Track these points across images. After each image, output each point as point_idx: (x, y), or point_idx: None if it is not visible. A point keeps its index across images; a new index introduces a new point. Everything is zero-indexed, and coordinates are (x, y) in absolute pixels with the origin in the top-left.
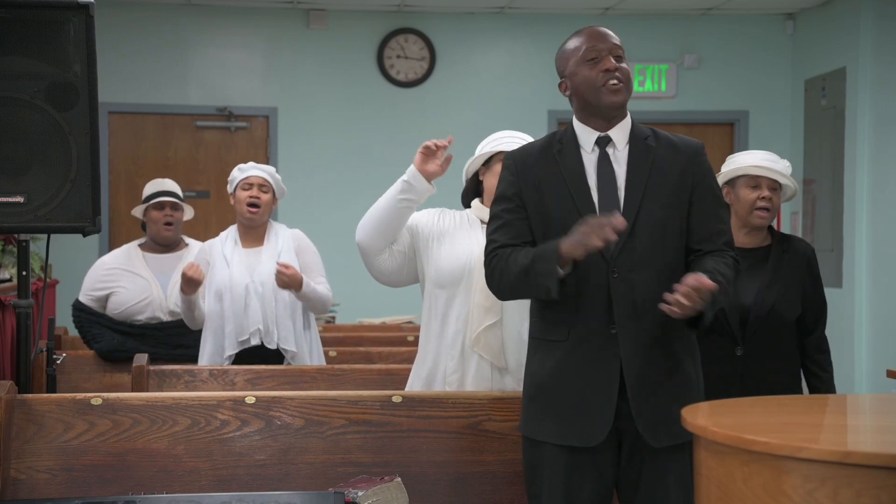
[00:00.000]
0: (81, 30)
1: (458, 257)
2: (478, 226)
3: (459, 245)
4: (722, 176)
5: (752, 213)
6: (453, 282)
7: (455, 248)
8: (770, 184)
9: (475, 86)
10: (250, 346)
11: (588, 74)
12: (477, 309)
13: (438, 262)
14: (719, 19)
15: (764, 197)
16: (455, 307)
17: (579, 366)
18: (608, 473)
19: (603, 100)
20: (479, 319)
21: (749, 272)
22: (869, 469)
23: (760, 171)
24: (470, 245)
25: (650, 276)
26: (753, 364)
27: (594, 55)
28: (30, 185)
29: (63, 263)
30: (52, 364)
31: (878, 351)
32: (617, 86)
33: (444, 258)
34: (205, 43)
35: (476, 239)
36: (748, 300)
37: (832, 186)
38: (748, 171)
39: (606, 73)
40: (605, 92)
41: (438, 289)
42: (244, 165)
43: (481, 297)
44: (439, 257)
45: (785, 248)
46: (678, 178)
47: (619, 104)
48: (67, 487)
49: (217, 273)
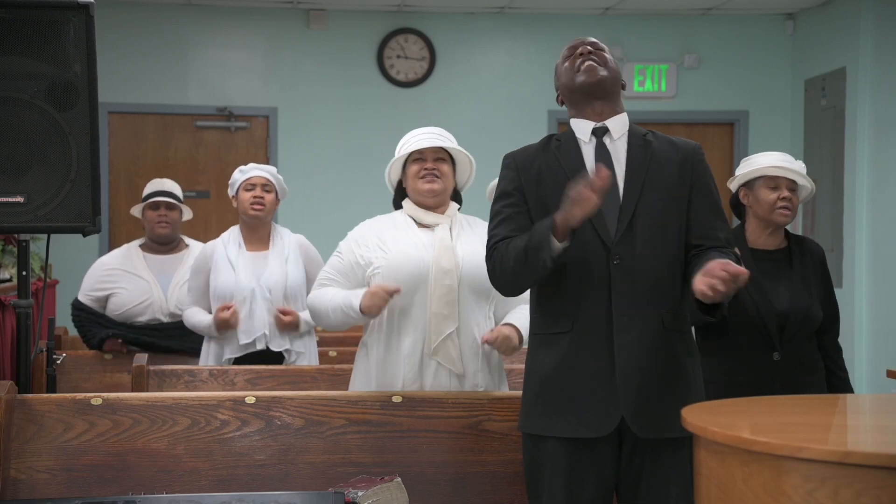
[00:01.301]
0: (81, 30)
1: (410, 267)
2: (413, 226)
3: (406, 254)
4: (739, 178)
5: (775, 212)
6: (407, 292)
7: (402, 257)
8: (789, 184)
9: (475, 86)
10: (254, 351)
11: (566, 66)
12: (436, 318)
13: (387, 272)
14: (719, 19)
15: (784, 197)
16: (412, 317)
17: (584, 357)
18: (609, 472)
19: (577, 79)
20: (439, 328)
21: (774, 275)
22: (869, 469)
23: (779, 172)
24: (416, 251)
25: (650, 266)
26: (790, 368)
27: (570, 51)
28: (30, 185)
29: (63, 263)
30: (52, 364)
31: (878, 351)
32: (590, 65)
33: (394, 269)
34: (205, 43)
35: (419, 242)
36: (784, 304)
37: (832, 186)
38: (767, 172)
39: (580, 56)
40: (579, 73)
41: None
42: (245, 167)
43: (439, 306)
44: (387, 268)
45: (803, 251)
46: (677, 173)
47: (595, 82)
48: (67, 487)
49: (222, 277)
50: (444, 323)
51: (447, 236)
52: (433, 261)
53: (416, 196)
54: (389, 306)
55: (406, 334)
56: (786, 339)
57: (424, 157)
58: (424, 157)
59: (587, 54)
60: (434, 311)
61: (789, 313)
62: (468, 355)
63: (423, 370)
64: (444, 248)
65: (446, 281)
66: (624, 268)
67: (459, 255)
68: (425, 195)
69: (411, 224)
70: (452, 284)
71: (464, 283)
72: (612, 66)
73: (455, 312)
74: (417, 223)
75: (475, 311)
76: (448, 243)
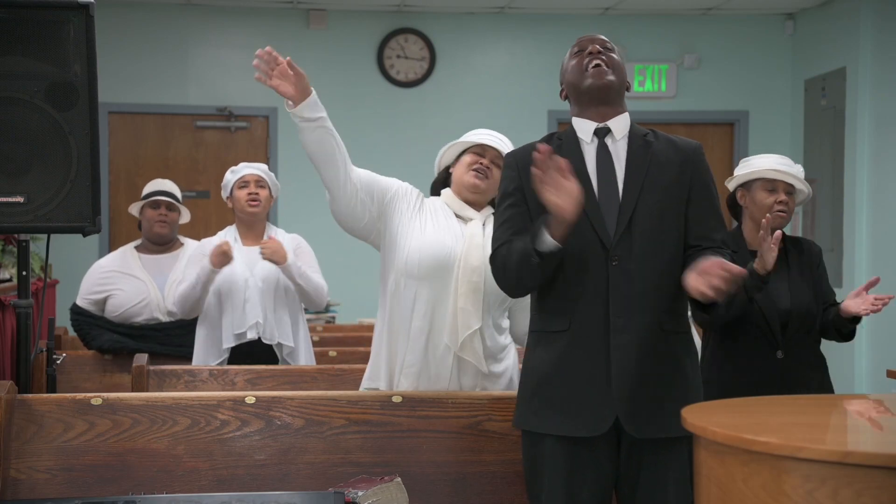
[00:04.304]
0: (81, 30)
1: (436, 251)
2: (451, 215)
3: (436, 236)
4: (736, 179)
5: (773, 215)
6: (427, 275)
7: (432, 238)
8: (786, 187)
9: (475, 86)
10: (246, 341)
11: (574, 63)
12: (463, 313)
13: (412, 251)
14: (719, 19)
15: (781, 200)
16: (422, 300)
17: (581, 356)
18: (608, 471)
19: (585, 81)
20: (467, 323)
21: (777, 278)
22: (869, 469)
23: (777, 175)
24: (448, 238)
25: (648, 266)
26: (793, 365)
27: (580, 48)
28: (30, 185)
29: (63, 263)
30: (52, 364)
31: (878, 351)
32: (599, 67)
33: (420, 248)
34: (205, 43)
35: (453, 232)
36: (785, 303)
37: (832, 186)
38: (765, 175)
39: (589, 56)
40: (587, 74)
41: (408, 279)
42: (236, 167)
43: (467, 301)
44: (413, 245)
45: (800, 250)
46: (677, 173)
47: (602, 86)
48: (67, 487)
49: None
50: (471, 319)
51: (479, 233)
52: (462, 255)
53: (461, 188)
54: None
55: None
56: (788, 337)
57: (484, 154)
58: (484, 154)
59: (596, 54)
60: (462, 306)
61: (791, 311)
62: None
63: (426, 357)
64: (474, 244)
65: (473, 278)
66: (622, 268)
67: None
68: (470, 189)
69: (449, 214)
70: (479, 283)
71: (488, 284)
72: (620, 68)
73: (480, 310)
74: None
75: (492, 313)
76: (479, 240)
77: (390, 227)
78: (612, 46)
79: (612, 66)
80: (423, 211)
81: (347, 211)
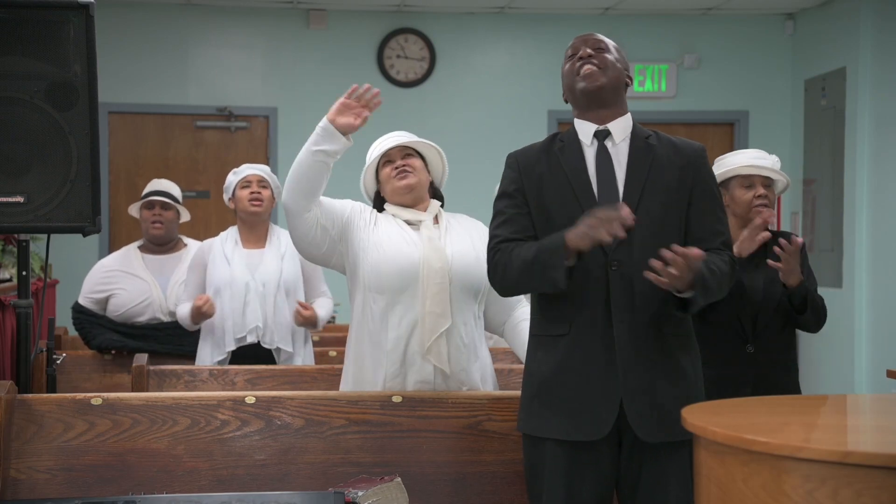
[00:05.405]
0: (81, 30)
1: (399, 264)
2: (403, 225)
3: (395, 248)
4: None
5: (753, 210)
6: (394, 289)
7: (392, 251)
8: (763, 181)
9: (475, 86)
10: (246, 345)
11: (567, 67)
12: (430, 316)
13: (375, 266)
14: (719, 19)
15: (760, 195)
16: (396, 313)
17: (581, 360)
18: (608, 472)
19: (577, 85)
20: (433, 327)
21: (754, 271)
22: (869, 469)
23: (753, 171)
24: (408, 249)
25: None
26: (763, 360)
27: (573, 51)
28: (30, 185)
29: (63, 263)
30: (52, 364)
31: (878, 351)
32: (588, 69)
33: (383, 263)
34: (205, 43)
35: (409, 239)
36: (757, 297)
37: (832, 186)
38: (741, 172)
39: (580, 60)
40: (578, 78)
41: (376, 293)
42: (238, 168)
43: (434, 304)
44: (375, 261)
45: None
46: (678, 176)
47: (593, 89)
48: (67, 487)
49: (217, 270)
50: (437, 321)
51: (435, 235)
52: (423, 260)
53: (395, 197)
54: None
55: (389, 331)
56: (759, 329)
57: (393, 159)
58: (393, 159)
59: (587, 58)
60: (429, 309)
61: (761, 303)
62: (454, 354)
63: (405, 367)
64: (433, 247)
65: (437, 280)
66: (622, 273)
67: (449, 254)
68: (402, 192)
69: (402, 224)
70: (444, 283)
71: (454, 282)
72: (614, 66)
73: (448, 311)
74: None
75: (464, 309)
76: (437, 243)
77: (352, 246)
78: (606, 45)
79: (605, 67)
80: (378, 225)
81: (308, 238)
